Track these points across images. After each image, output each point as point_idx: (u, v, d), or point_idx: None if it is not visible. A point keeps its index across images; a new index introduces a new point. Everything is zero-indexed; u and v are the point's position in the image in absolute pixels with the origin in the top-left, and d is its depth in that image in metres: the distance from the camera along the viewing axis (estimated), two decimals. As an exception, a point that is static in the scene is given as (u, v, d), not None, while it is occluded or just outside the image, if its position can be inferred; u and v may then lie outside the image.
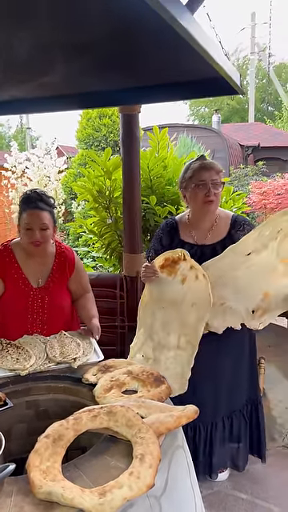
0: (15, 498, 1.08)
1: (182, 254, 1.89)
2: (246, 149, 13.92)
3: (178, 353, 1.82)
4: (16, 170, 7.03)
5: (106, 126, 7.20)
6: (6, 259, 2.08)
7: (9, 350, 1.87)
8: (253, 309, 1.85)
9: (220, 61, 1.33)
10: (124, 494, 1.07)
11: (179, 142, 8.86)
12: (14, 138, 27.15)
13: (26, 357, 1.80)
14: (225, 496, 2.09)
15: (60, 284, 2.13)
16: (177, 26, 0.96)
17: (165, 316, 1.92)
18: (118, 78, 2.07)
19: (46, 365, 1.79)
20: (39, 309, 2.09)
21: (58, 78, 2.14)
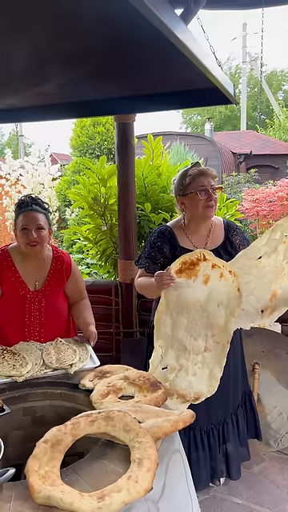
0: (14, 503, 1.09)
1: (201, 254, 1.84)
2: (239, 156, 14.07)
3: (206, 355, 1.81)
4: (10, 177, 7.04)
5: (100, 134, 7.25)
6: (3, 263, 2.10)
7: (5, 356, 1.88)
8: (262, 309, 1.89)
9: (215, 72, 1.36)
10: (123, 497, 1.08)
11: (172, 150, 8.94)
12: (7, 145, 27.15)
13: (23, 363, 1.81)
14: (221, 501, 2.10)
15: (57, 288, 2.15)
16: (173, 38, 0.99)
17: (188, 321, 1.88)
18: (113, 87, 2.11)
19: (42, 371, 1.80)
20: (36, 312, 2.11)
21: (54, 87, 2.17)
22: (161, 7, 0.87)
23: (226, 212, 3.13)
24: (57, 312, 2.16)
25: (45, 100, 2.31)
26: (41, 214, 2.06)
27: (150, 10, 0.81)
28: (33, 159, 7.31)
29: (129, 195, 2.81)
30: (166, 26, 0.91)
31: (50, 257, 2.16)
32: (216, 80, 1.39)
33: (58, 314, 2.17)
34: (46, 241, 2.09)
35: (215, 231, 2.13)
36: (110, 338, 3.03)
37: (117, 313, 3.03)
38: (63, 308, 2.20)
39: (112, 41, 1.66)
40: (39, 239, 2.03)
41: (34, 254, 2.08)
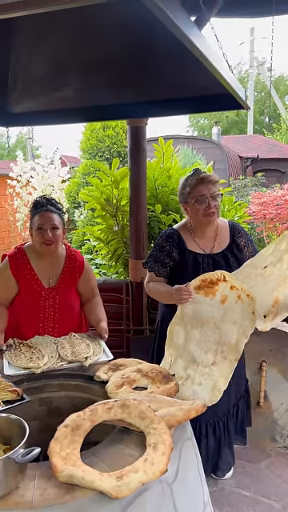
0: (38, 481, 1.16)
1: (221, 275, 1.91)
2: (245, 160, 14.11)
3: (213, 368, 1.86)
4: (21, 179, 7.15)
5: (110, 137, 7.34)
6: (19, 261, 2.18)
7: (22, 349, 1.95)
8: (264, 314, 1.94)
9: (228, 77, 1.44)
10: (140, 477, 1.15)
11: (181, 154, 9.01)
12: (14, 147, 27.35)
13: (39, 356, 1.89)
14: (229, 493, 2.16)
15: (70, 285, 2.23)
16: (187, 42, 1.06)
17: (201, 335, 1.93)
18: (130, 93, 2.19)
19: (58, 363, 1.87)
20: (50, 308, 2.19)
21: (71, 92, 2.26)
22: (176, 12, 0.94)
23: (234, 214, 3.20)
24: (70, 308, 2.23)
25: (63, 104, 2.40)
26: (55, 214, 2.14)
27: (165, 13, 0.88)
28: (43, 161, 7.42)
29: (140, 197, 2.89)
30: (180, 30, 0.97)
31: (64, 255, 2.24)
32: (229, 85, 1.46)
33: (71, 309, 2.24)
34: (61, 240, 2.17)
35: (221, 234, 2.18)
36: (121, 335, 3.10)
37: (127, 311, 3.11)
38: (75, 304, 2.28)
39: (129, 48, 1.74)
40: (54, 238, 2.10)
41: (49, 253, 2.16)
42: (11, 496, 1.11)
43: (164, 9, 0.90)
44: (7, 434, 1.28)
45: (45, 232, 2.09)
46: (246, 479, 2.27)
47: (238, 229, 2.17)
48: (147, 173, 3.01)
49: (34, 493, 1.12)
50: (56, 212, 2.15)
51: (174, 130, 44.50)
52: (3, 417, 1.30)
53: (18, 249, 2.25)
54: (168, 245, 2.19)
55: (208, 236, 2.18)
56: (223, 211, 3.16)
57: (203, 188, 2.06)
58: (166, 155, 3.28)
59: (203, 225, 2.15)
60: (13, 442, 1.23)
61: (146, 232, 3.03)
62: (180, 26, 1.00)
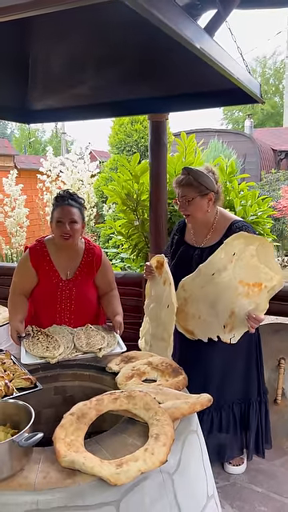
0: (42, 465, 1.22)
1: (163, 259, 2.10)
2: (279, 153, 13.79)
3: (164, 344, 2.03)
4: (51, 173, 7.30)
5: (138, 131, 7.36)
6: (39, 253, 2.26)
7: (39, 337, 2.03)
8: (224, 324, 1.96)
9: (238, 74, 1.43)
10: (139, 466, 1.18)
11: (210, 147, 8.92)
12: (48, 142, 27.87)
13: (55, 345, 1.95)
14: (241, 488, 2.17)
15: (87, 277, 2.29)
16: (192, 48, 1.07)
17: (156, 310, 2.13)
18: (145, 88, 2.21)
19: (73, 354, 1.93)
20: (67, 299, 2.25)
21: (90, 88, 2.31)
22: (180, 22, 0.95)
23: (257, 209, 3.16)
24: (86, 300, 2.29)
25: (83, 101, 2.45)
26: (75, 208, 2.19)
27: (168, 26, 0.90)
28: (72, 156, 7.54)
29: (160, 191, 2.90)
30: (184, 39, 0.99)
31: (83, 249, 2.30)
32: (239, 82, 1.45)
33: (87, 301, 2.30)
34: (79, 234, 2.22)
35: (216, 231, 2.15)
36: (138, 328, 3.13)
37: (147, 305, 3.13)
38: (92, 297, 2.33)
39: (143, 45, 1.76)
40: (72, 232, 2.15)
41: (67, 246, 2.22)
42: (15, 477, 1.17)
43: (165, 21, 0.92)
44: (16, 419, 1.34)
45: (63, 225, 2.14)
46: (260, 475, 2.26)
47: (239, 227, 2.08)
48: (168, 167, 3.02)
49: (37, 475, 1.18)
50: (76, 206, 2.20)
51: (207, 123, 43.96)
52: (12, 403, 1.36)
53: (39, 241, 2.32)
54: (177, 229, 2.36)
55: (201, 232, 2.21)
56: (245, 206, 3.12)
57: (177, 190, 2.13)
58: (189, 149, 3.27)
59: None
60: (21, 427, 1.29)
61: (166, 226, 3.04)
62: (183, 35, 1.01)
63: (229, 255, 1.89)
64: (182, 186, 2.09)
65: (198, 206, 2.08)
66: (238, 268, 1.89)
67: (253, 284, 1.88)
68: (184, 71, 1.88)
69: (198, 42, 1.07)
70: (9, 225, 6.63)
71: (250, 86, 1.59)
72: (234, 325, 1.95)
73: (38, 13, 0.89)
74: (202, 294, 1.99)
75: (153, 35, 1.61)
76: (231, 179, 3.22)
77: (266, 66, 31.12)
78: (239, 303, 1.90)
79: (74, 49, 2.00)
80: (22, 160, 9.25)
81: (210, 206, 2.12)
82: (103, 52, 1.94)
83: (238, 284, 1.89)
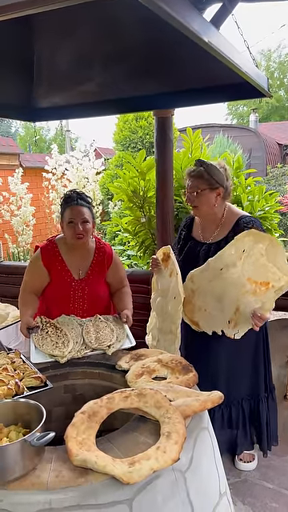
0: (54, 464, 1.22)
1: (169, 250, 2.11)
2: (285, 148, 13.70)
3: (172, 337, 2.03)
4: (56, 171, 7.30)
5: (143, 127, 7.34)
6: (51, 253, 2.26)
7: (48, 330, 2.04)
8: (229, 319, 1.96)
9: (246, 68, 1.41)
10: (151, 465, 1.17)
11: (215, 142, 8.88)
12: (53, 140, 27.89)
13: (65, 341, 1.95)
14: (252, 484, 2.16)
15: (98, 276, 2.29)
16: (200, 42, 1.06)
17: (162, 304, 2.13)
18: (151, 84, 2.20)
19: (82, 351, 1.93)
20: (80, 298, 2.26)
21: (96, 85, 2.29)
22: (188, 15, 0.94)
23: (264, 204, 3.13)
24: (98, 298, 2.30)
25: (88, 98, 2.44)
26: (85, 208, 2.20)
27: (176, 19, 0.89)
28: (77, 154, 7.52)
29: (167, 188, 2.89)
30: (192, 32, 0.98)
31: (93, 248, 2.30)
32: (247, 76, 1.43)
33: (99, 299, 2.31)
34: (90, 233, 2.23)
35: (224, 226, 2.15)
36: (147, 325, 3.13)
37: (154, 302, 3.12)
38: (104, 295, 2.34)
39: (149, 41, 1.75)
40: (84, 232, 2.16)
41: (80, 246, 2.23)
42: (28, 477, 1.17)
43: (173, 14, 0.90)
44: (28, 418, 1.34)
45: (76, 226, 2.15)
46: (270, 472, 2.26)
47: (243, 225, 2.07)
48: (174, 163, 3.00)
49: (50, 474, 1.18)
50: (86, 206, 2.21)
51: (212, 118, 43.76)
52: (23, 402, 1.36)
53: (50, 241, 2.33)
54: (181, 226, 2.37)
55: (209, 227, 2.20)
56: (252, 201, 3.10)
57: (188, 181, 2.12)
58: (195, 145, 3.25)
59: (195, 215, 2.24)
60: (32, 426, 1.29)
61: (173, 223, 3.03)
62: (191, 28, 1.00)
63: (239, 252, 1.88)
64: (193, 176, 2.09)
65: (206, 198, 2.09)
66: (246, 265, 1.88)
67: (260, 282, 1.87)
68: (191, 66, 1.86)
69: (206, 36, 1.05)
70: (15, 223, 6.65)
71: (258, 79, 1.57)
72: (238, 321, 1.95)
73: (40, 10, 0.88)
74: (209, 287, 1.99)
75: (159, 30, 1.59)
76: (238, 174, 3.20)
77: (271, 59, 30.87)
78: (245, 300, 1.89)
79: (79, 45, 1.99)
80: (27, 158, 9.25)
81: (218, 201, 2.11)
82: (109, 48, 1.93)
83: (245, 281, 1.88)
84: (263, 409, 2.25)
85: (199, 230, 2.25)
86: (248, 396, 2.26)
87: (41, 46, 1.99)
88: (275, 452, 2.31)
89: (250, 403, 2.27)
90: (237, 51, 1.37)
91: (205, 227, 2.22)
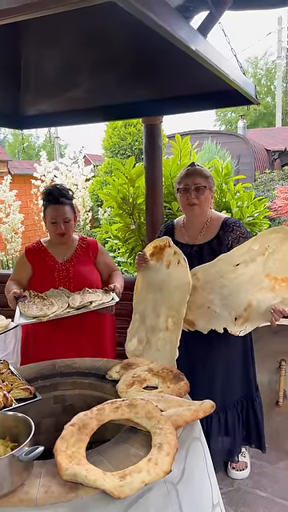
0: (44, 479, 1.19)
1: (167, 240, 2.07)
2: (273, 153, 13.84)
3: (167, 334, 1.97)
4: (45, 178, 7.27)
5: (132, 134, 7.35)
6: (35, 249, 2.38)
7: (35, 301, 2.10)
8: (235, 316, 1.94)
9: (233, 75, 1.41)
10: (143, 477, 1.15)
11: (204, 148, 8.93)
12: (42, 147, 27.84)
13: (50, 306, 1.97)
14: (245, 493, 2.14)
15: (83, 260, 2.36)
16: (187, 50, 1.05)
17: (154, 300, 2.09)
18: (141, 91, 2.20)
19: (65, 310, 1.99)
20: (65, 279, 2.31)
21: (84, 92, 2.29)
22: (175, 23, 0.94)
23: (253, 210, 3.14)
24: (84, 280, 2.32)
25: (76, 105, 2.44)
26: (67, 205, 2.29)
27: (163, 27, 0.88)
28: (66, 161, 7.51)
29: (156, 194, 2.89)
30: (179, 40, 0.97)
31: (77, 239, 2.43)
32: (234, 83, 1.44)
33: (86, 281, 2.32)
34: (72, 229, 2.34)
35: (210, 228, 2.18)
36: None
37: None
38: (91, 278, 2.37)
39: (136, 48, 1.74)
40: (66, 230, 2.29)
41: (62, 242, 2.34)
42: (16, 493, 1.14)
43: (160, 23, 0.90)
44: (16, 431, 1.31)
45: (58, 225, 2.27)
46: (263, 480, 2.24)
47: (230, 225, 2.14)
48: (164, 170, 3.00)
49: (39, 490, 1.15)
50: (67, 203, 2.30)
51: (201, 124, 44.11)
52: (11, 415, 1.33)
53: (35, 242, 2.46)
54: (160, 233, 2.37)
55: (194, 229, 2.21)
56: (242, 207, 3.11)
57: (189, 179, 2.12)
58: (184, 152, 3.26)
59: (187, 215, 2.22)
60: (20, 440, 1.26)
61: (163, 230, 3.02)
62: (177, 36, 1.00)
63: (262, 247, 1.88)
64: (198, 174, 2.12)
65: (207, 198, 2.14)
66: (270, 261, 1.88)
67: (282, 279, 1.88)
68: (179, 73, 1.86)
69: (193, 44, 1.05)
70: (4, 231, 6.60)
71: (245, 87, 1.58)
72: (250, 317, 1.93)
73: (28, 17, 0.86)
74: (218, 283, 1.96)
75: (147, 38, 1.59)
76: (227, 181, 3.21)
77: (258, 66, 31.28)
78: (260, 296, 1.89)
79: (66, 52, 1.98)
80: (15, 165, 9.21)
81: (211, 203, 2.20)
82: (97, 55, 1.93)
83: (264, 277, 1.88)
84: (258, 407, 2.29)
85: (183, 233, 2.26)
86: (242, 398, 2.28)
87: (27, 53, 1.98)
88: (268, 459, 2.30)
89: (243, 404, 2.28)
90: (224, 59, 1.37)
91: (190, 229, 2.24)
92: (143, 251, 2.18)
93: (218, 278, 1.94)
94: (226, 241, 2.12)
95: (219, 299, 1.96)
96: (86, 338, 2.32)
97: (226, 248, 2.10)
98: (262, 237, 1.90)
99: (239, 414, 2.26)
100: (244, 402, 2.28)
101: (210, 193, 2.16)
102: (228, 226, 2.14)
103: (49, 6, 0.72)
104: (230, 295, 1.93)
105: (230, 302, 1.94)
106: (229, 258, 1.93)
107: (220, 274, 1.94)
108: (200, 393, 1.69)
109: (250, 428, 2.30)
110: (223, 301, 1.95)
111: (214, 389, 2.16)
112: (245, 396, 2.29)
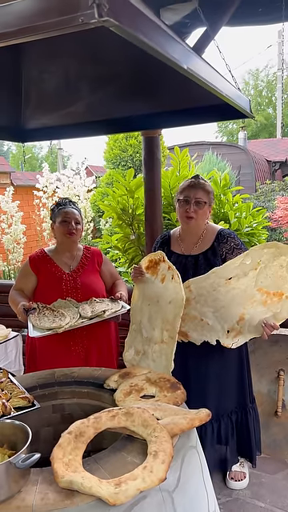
0: (40, 486, 1.20)
1: (161, 255, 2.09)
2: (273, 164, 13.91)
3: (162, 346, 1.99)
4: (47, 189, 7.35)
5: (132, 146, 7.44)
6: (39, 258, 2.39)
7: (45, 312, 2.10)
8: (228, 329, 1.98)
9: (226, 91, 1.46)
10: (138, 485, 1.16)
11: (204, 160, 9.00)
12: (45, 158, 28.06)
13: (62, 317, 2.00)
14: (243, 503, 2.14)
15: (89, 269, 2.39)
16: (179, 69, 1.09)
17: (150, 312, 2.11)
18: (139, 105, 2.25)
19: (80, 320, 2.02)
20: (72, 289, 2.32)
21: (84, 106, 2.35)
22: (166, 44, 0.98)
23: (251, 221, 3.18)
24: (91, 289, 2.35)
25: (76, 119, 2.49)
26: (77, 211, 2.37)
27: (154, 49, 0.92)
28: (68, 172, 7.60)
29: (155, 205, 2.93)
30: (171, 60, 1.01)
31: (82, 248, 2.46)
32: (228, 99, 1.48)
33: (93, 291, 2.35)
34: (80, 235, 2.38)
35: (205, 239, 2.21)
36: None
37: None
38: (97, 287, 2.40)
39: (133, 64, 1.79)
40: (76, 231, 2.33)
41: (70, 245, 2.36)
42: (13, 500, 1.15)
43: (151, 44, 0.94)
44: (14, 439, 1.32)
45: (69, 223, 2.31)
46: (262, 490, 2.24)
47: (225, 236, 2.17)
48: (163, 181, 3.05)
49: (35, 497, 1.16)
50: (77, 209, 2.38)
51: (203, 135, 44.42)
52: (8, 423, 1.35)
53: (39, 250, 2.48)
54: (157, 245, 2.39)
55: (191, 240, 2.24)
56: (240, 218, 3.15)
57: (189, 192, 2.14)
58: (183, 163, 3.30)
59: (183, 227, 2.25)
60: (18, 448, 1.27)
61: (162, 240, 3.06)
62: (171, 57, 1.04)
63: (254, 262, 1.91)
64: (201, 188, 2.15)
65: (204, 213, 2.17)
66: (262, 276, 1.91)
67: (273, 293, 1.91)
68: (175, 89, 1.91)
69: (185, 63, 1.09)
70: (6, 242, 6.65)
71: (239, 101, 1.62)
72: (242, 330, 1.96)
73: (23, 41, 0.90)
74: (211, 296, 1.99)
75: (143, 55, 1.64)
76: (225, 192, 3.25)
77: (259, 78, 31.57)
78: (252, 310, 1.91)
79: (66, 68, 2.04)
80: (18, 177, 9.30)
81: (208, 217, 2.22)
82: (96, 71, 1.98)
83: (255, 291, 1.91)
84: (251, 419, 2.28)
85: (179, 244, 2.28)
86: (236, 408, 2.28)
87: (29, 69, 2.04)
88: (266, 470, 2.30)
89: (238, 415, 2.28)
90: (218, 75, 1.41)
91: (185, 241, 2.26)
92: (139, 264, 2.19)
93: (211, 290, 1.97)
94: (221, 252, 2.15)
95: (212, 312, 1.99)
96: (94, 347, 2.33)
97: (221, 258, 2.13)
98: (254, 251, 1.93)
99: (233, 424, 2.26)
100: (238, 413, 2.28)
101: (209, 208, 2.18)
102: (223, 237, 2.16)
103: (43, 30, 0.76)
104: (223, 308, 1.96)
105: (222, 315, 1.97)
106: (222, 272, 1.96)
107: (213, 287, 1.97)
108: (193, 402, 1.70)
109: (242, 439, 2.29)
110: (216, 313, 1.99)
111: (207, 398, 2.16)
112: (239, 407, 2.29)
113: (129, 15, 0.81)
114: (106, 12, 0.71)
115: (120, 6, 0.76)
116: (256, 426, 2.32)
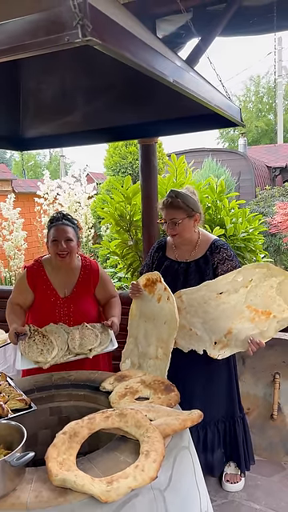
0: (35, 485, 1.24)
1: (157, 276, 2.12)
2: (274, 170, 13.96)
3: (157, 362, 2.04)
4: (48, 196, 7.42)
5: (132, 153, 7.51)
6: (36, 273, 2.34)
7: (35, 338, 2.11)
8: (215, 340, 2.03)
9: (215, 101, 1.51)
10: (129, 483, 1.20)
11: (204, 166, 9.07)
12: (48, 165, 28.24)
13: (50, 348, 2.03)
14: (239, 505, 2.16)
15: (84, 294, 2.36)
16: (166, 82, 1.14)
17: (146, 329, 2.15)
18: (134, 114, 2.31)
19: (65, 357, 2.03)
20: (65, 316, 2.31)
21: (81, 116, 2.40)
22: (151, 59, 1.03)
23: (247, 226, 3.22)
24: (84, 315, 2.34)
25: (72, 128, 2.55)
26: (69, 227, 2.29)
27: (138, 64, 0.97)
28: (69, 179, 7.67)
29: (152, 212, 2.97)
30: (156, 75, 1.06)
31: (79, 266, 2.38)
32: (217, 109, 1.53)
33: (86, 316, 2.34)
34: (75, 251, 2.31)
35: (199, 248, 2.24)
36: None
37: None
38: (91, 311, 2.38)
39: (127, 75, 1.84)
40: (68, 249, 2.24)
41: (64, 265, 2.30)
42: (8, 497, 1.19)
43: (135, 60, 0.99)
44: (10, 439, 1.36)
45: (59, 243, 2.23)
46: (257, 492, 2.26)
47: (217, 246, 2.19)
48: (159, 188, 3.10)
49: (30, 495, 1.20)
50: (70, 226, 2.30)
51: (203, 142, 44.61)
52: (4, 423, 1.39)
53: (36, 261, 2.42)
54: (153, 250, 2.41)
55: (185, 248, 2.27)
56: (236, 223, 3.19)
57: (164, 213, 2.19)
58: (179, 170, 3.36)
59: (173, 241, 2.28)
60: (14, 448, 1.31)
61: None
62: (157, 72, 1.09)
63: (246, 280, 1.96)
64: (172, 208, 2.15)
65: (186, 226, 2.17)
66: (252, 294, 1.96)
67: (262, 311, 1.96)
68: (168, 98, 1.95)
69: (172, 76, 1.14)
70: (7, 248, 6.71)
71: (229, 111, 1.67)
72: (229, 343, 2.01)
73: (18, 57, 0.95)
74: (201, 308, 2.03)
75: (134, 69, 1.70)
76: (221, 198, 3.29)
77: (260, 84, 31.74)
78: (240, 325, 1.97)
79: (62, 79, 2.10)
80: (19, 184, 9.38)
81: (196, 226, 2.22)
82: (91, 82, 2.04)
83: (244, 308, 1.96)
84: (240, 430, 2.29)
85: (174, 251, 2.32)
86: (223, 418, 2.30)
87: (27, 81, 2.10)
88: (263, 472, 2.32)
89: (225, 425, 2.30)
90: (208, 86, 1.46)
91: (180, 248, 2.29)
92: (137, 281, 2.22)
93: (202, 303, 2.02)
94: (213, 261, 2.18)
95: (201, 323, 2.04)
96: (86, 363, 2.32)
97: (212, 267, 2.17)
98: (246, 270, 1.98)
99: (219, 433, 2.28)
100: (226, 423, 2.30)
101: (191, 220, 2.17)
102: (216, 247, 2.19)
103: (32, 49, 0.81)
104: (212, 320, 2.01)
105: (211, 327, 2.02)
106: (213, 286, 2.01)
107: (204, 299, 2.02)
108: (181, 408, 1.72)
109: (230, 448, 2.31)
110: (205, 325, 2.04)
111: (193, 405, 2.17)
112: (226, 416, 2.30)
113: (113, 34, 0.86)
114: (90, 32, 0.75)
115: (103, 26, 0.81)
116: (245, 435, 2.33)
